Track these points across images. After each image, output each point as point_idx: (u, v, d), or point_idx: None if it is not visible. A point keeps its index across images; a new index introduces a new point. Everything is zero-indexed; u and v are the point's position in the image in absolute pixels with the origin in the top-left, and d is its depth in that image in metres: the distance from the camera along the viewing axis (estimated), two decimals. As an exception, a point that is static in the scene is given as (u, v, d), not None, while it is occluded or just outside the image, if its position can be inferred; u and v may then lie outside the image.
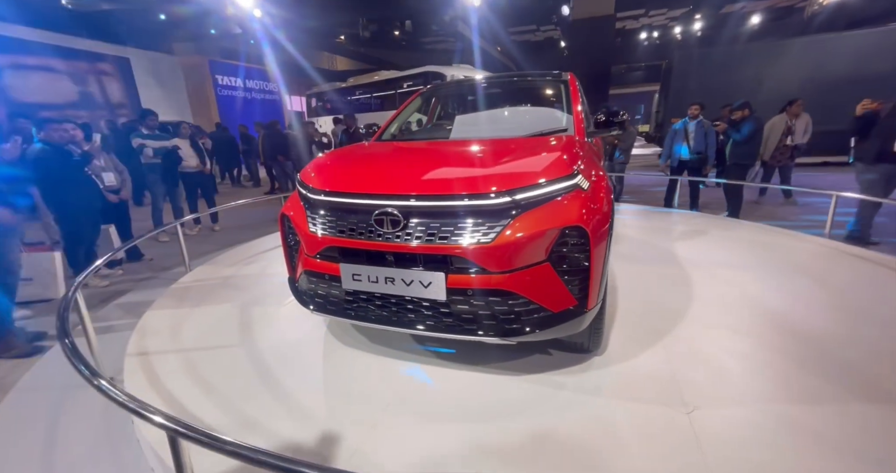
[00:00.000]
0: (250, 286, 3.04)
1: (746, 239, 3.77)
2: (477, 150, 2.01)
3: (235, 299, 2.80)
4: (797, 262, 3.14)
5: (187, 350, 2.15)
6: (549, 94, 2.78)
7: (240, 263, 3.61)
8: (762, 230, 4.07)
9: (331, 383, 1.84)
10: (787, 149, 5.66)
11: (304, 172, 1.96)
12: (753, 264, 3.11)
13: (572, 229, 1.51)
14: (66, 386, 2.04)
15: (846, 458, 1.33)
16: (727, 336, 2.09)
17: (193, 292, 2.96)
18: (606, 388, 1.73)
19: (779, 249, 3.46)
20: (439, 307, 1.60)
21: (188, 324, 2.46)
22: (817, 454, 1.35)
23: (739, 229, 4.17)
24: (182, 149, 5.07)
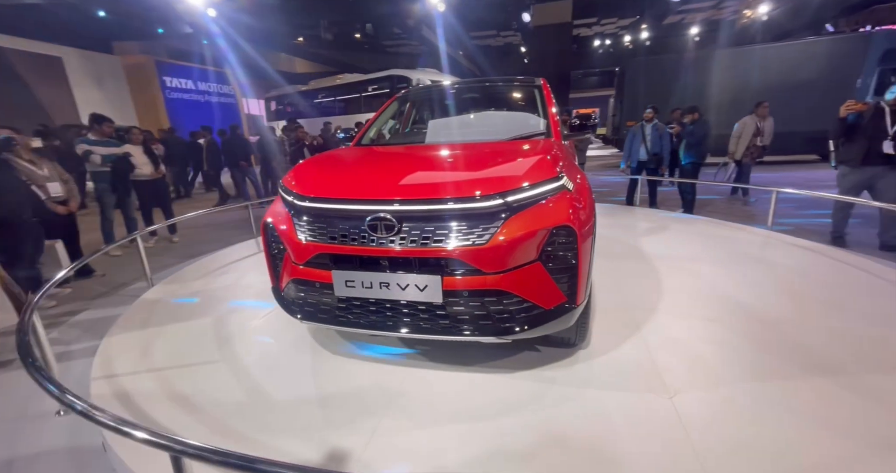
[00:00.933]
0: (223, 299, 2.89)
1: (703, 233, 4.07)
2: (463, 154, 2.04)
3: (208, 313, 2.65)
4: (748, 252, 3.43)
5: (161, 369, 2.02)
6: (524, 98, 2.87)
7: (208, 275, 3.42)
8: (715, 225, 4.41)
9: (323, 392, 1.80)
10: (757, 149, 5.94)
11: (288, 179, 1.90)
12: (712, 255, 3.36)
13: (561, 228, 1.58)
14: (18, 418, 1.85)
15: (813, 426, 1.48)
16: (697, 324, 2.25)
17: (160, 308, 2.77)
18: (594, 379, 1.81)
19: (732, 241, 3.76)
20: (435, 309, 1.61)
21: (158, 342, 2.30)
22: (790, 425, 1.49)
23: (696, 223, 4.50)
24: (134, 156, 4.73)
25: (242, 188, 7.36)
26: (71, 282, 3.73)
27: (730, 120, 9.11)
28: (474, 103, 3.03)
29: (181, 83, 14.77)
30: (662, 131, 5.55)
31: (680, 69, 10.33)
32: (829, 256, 3.27)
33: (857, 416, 1.52)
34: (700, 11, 18.93)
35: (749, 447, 1.40)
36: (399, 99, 3.06)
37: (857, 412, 1.55)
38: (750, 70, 9.63)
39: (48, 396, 1.25)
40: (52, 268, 3.12)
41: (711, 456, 1.36)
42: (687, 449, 1.40)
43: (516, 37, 21.33)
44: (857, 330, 2.12)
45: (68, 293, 3.54)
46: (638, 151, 5.72)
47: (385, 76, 12.01)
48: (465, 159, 1.96)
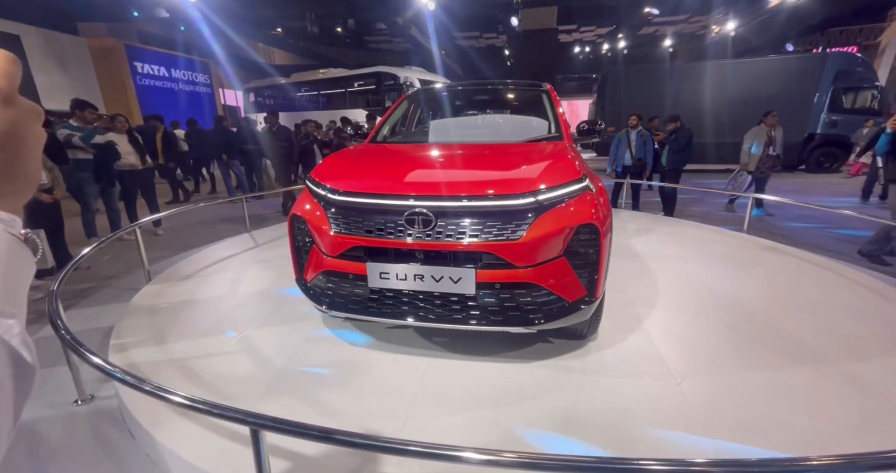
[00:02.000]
0: (230, 294, 2.86)
1: (685, 235, 4.35)
2: (490, 154, 2.13)
3: (218, 308, 2.63)
4: (729, 254, 3.70)
5: (183, 360, 2.00)
6: (532, 102, 3.00)
7: (207, 270, 3.35)
8: (695, 227, 4.71)
9: (351, 382, 1.85)
10: (770, 159, 5.83)
11: (321, 174, 1.94)
12: (697, 256, 3.62)
13: (585, 226, 1.70)
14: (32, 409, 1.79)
15: (801, 409, 1.67)
16: (692, 318, 2.45)
17: (167, 303, 2.71)
18: (607, 368, 1.95)
19: (713, 242, 4.05)
20: (467, 301, 1.70)
21: (172, 334, 2.27)
22: (781, 407, 1.68)
23: (678, 226, 4.79)
24: (119, 145, 4.53)
25: (227, 182, 7.15)
26: (54, 274, 3.56)
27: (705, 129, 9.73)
28: (482, 105, 3.13)
29: (153, 70, 14.05)
30: (646, 138, 5.87)
31: (658, 79, 10.86)
32: (799, 257, 3.58)
33: (837, 399, 1.72)
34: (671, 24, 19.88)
35: (750, 426, 1.57)
36: (408, 99, 3.12)
37: (837, 396, 1.75)
38: (722, 83, 10.25)
39: (60, 387, 1.25)
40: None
41: (719, 435, 1.52)
42: (700, 428, 1.55)
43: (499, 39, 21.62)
44: (833, 324, 2.36)
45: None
46: (623, 157, 6.01)
47: (372, 73, 11.92)
48: (493, 159, 2.06)
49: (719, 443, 1.48)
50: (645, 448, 1.47)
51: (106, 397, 1.90)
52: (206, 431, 1.53)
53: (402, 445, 0.98)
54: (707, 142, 9.57)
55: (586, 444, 1.48)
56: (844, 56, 10.41)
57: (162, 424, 1.57)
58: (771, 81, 10.03)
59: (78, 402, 1.84)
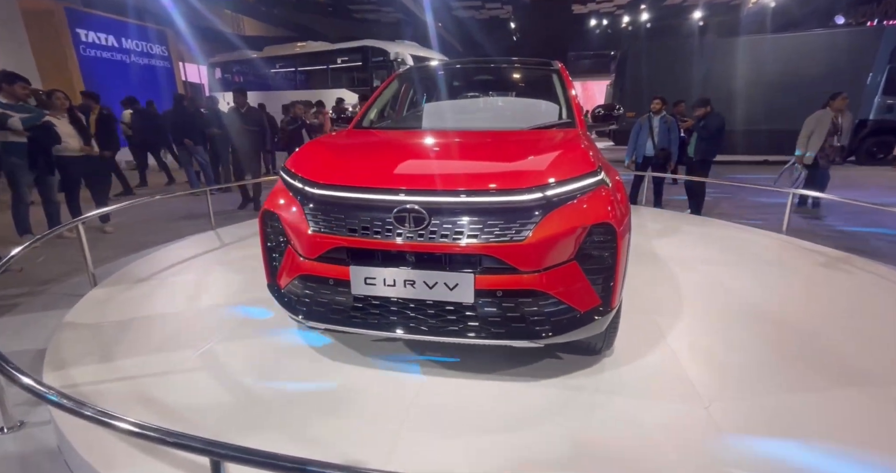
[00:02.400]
0: (190, 301, 2.86)
1: (715, 235, 4.40)
2: (492, 143, 2.15)
3: (176, 318, 2.62)
4: (764, 256, 3.76)
5: (133, 381, 1.99)
6: (541, 84, 3.02)
7: (164, 273, 3.34)
8: (726, 227, 4.77)
9: (334, 404, 1.85)
10: (834, 150, 5.62)
11: (297, 163, 1.94)
12: (727, 259, 3.66)
13: (600, 226, 1.71)
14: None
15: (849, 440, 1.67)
16: (721, 330, 2.47)
17: (115, 312, 2.69)
18: (624, 388, 1.95)
19: (746, 244, 4.10)
20: (465, 310, 1.71)
21: (121, 349, 2.25)
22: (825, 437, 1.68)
23: (706, 225, 4.84)
24: (58, 126, 4.50)
25: (189, 172, 7.12)
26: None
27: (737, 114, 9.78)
28: (483, 86, 3.15)
29: (100, 39, 13.92)
30: (671, 124, 5.89)
31: (686, 56, 10.93)
32: (847, 262, 3.63)
33: (889, 427, 1.74)
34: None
35: (789, 458, 1.57)
36: (399, 78, 3.13)
37: (888, 423, 1.76)
38: (759, 61, 10.31)
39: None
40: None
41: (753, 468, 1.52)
42: (729, 462, 1.55)
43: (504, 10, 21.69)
44: (884, 338, 2.39)
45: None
46: (644, 146, 6.04)
47: (357, 47, 11.92)
48: (495, 149, 2.08)
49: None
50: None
51: (38, 423, 1.87)
52: (160, 463, 1.52)
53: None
54: (738, 130, 9.61)
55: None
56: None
57: (106, 456, 1.55)
58: (817, 58, 10.05)
59: (3, 430, 1.82)
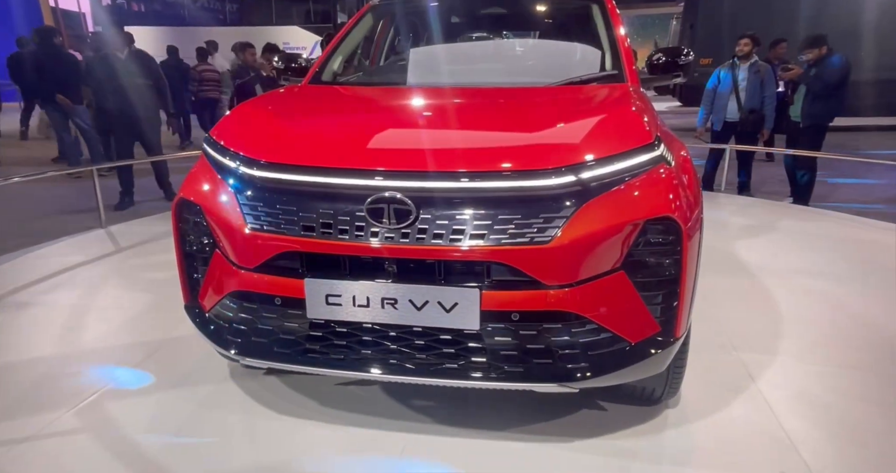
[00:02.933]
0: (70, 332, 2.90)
1: (830, 235, 4.34)
2: (503, 104, 2.19)
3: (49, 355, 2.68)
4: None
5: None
6: (575, 19, 3.06)
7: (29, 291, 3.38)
8: (848, 222, 4.67)
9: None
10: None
11: (228, 133, 1.97)
12: (846, 270, 3.61)
13: (659, 221, 1.69)
14: None
15: None
16: (836, 373, 2.44)
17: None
18: (695, 455, 1.94)
19: (872, 247, 4.03)
20: (467, 340, 1.69)
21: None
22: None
23: (817, 220, 4.80)
24: None
25: (65, 140, 7.14)
26: None
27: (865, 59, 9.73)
28: (495, 24, 3.20)
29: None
30: (765, 75, 5.87)
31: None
32: None
33: None
34: None
35: None
36: (373, 11, 3.17)
37: None
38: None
39: None
40: None
41: None
42: None
43: None
44: None
45: None
46: (725, 107, 6.09)
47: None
48: (510, 114, 2.09)
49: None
50: None
51: None
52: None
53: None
54: (866, 80, 9.40)
55: None
56: None
57: None
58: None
59: None
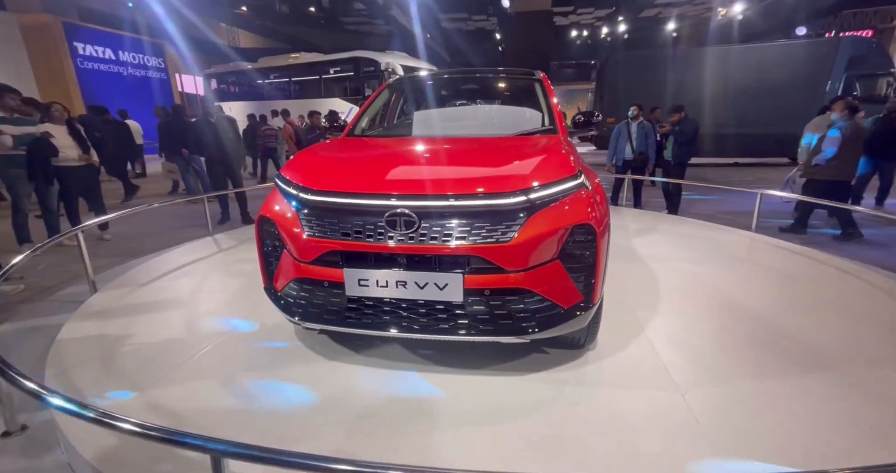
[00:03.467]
0: (189, 304, 2.83)
1: (691, 234, 4.47)
2: (478, 149, 2.17)
3: (176, 321, 2.59)
4: (735, 253, 3.83)
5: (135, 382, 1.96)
6: (524, 92, 3.05)
7: (163, 278, 3.30)
8: (702, 226, 4.85)
9: (327, 402, 1.84)
10: None
11: (291, 170, 1.94)
12: (701, 256, 3.73)
13: (581, 226, 1.74)
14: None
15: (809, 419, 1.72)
16: (696, 323, 2.52)
17: (114, 316, 2.65)
18: (606, 379, 1.98)
19: (721, 242, 4.17)
20: (455, 309, 1.72)
21: (122, 353, 2.22)
22: (789, 418, 1.73)
23: (683, 224, 4.92)
24: (56, 137, 4.42)
25: (187, 180, 7.04)
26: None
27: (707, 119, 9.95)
28: (470, 95, 3.17)
29: (97, 51, 13.73)
30: (648, 130, 6.00)
31: (660, 66, 11.11)
32: (810, 257, 3.73)
33: (850, 410, 1.79)
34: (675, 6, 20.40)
35: (759, 440, 1.61)
36: (390, 87, 3.14)
37: (849, 406, 1.81)
38: (727, 70, 10.54)
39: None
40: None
41: (726, 449, 1.56)
42: (707, 444, 1.60)
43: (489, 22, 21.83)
44: (839, 327, 2.46)
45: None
46: (623, 150, 6.13)
47: (349, 58, 11.89)
48: (481, 155, 2.10)
49: (727, 462, 1.52)
50: (647, 465, 1.51)
51: (42, 427, 1.84)
52: (161, 464, 1.51)
53: (382, 468, 0.99)
54: (708, 134, 9.78)
55: (584, 462, 1.52)
56: (858, 41, 10.81)
57: (109, 457, 1.53)
58: (781, 67, 10.32)
59: (8, 434, 1.79)
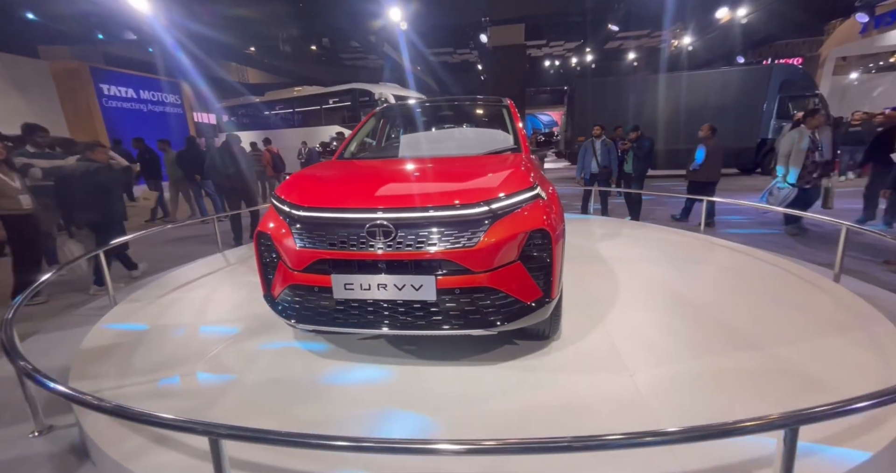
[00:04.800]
0: (200, 314, 2.86)
1: (649, 237, 4.58)
2: (448, 167, 2.26)
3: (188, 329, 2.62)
4: (687, 253, 3.94)
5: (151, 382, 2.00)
6: (493, 116, 3.17)
7: (177, 291, 3.32)
8: (659, 230, 4.96)
9: (321, 393, 1.89)
10: (816, 166, 4.75)
11: (284, 190, 2.01)
12: (657, 256, 3.82)
13: (537, 231, 1.82)
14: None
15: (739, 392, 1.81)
16: (649, 314, 2.60)
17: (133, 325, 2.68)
18: (567, 365, 2.05)
19: (674, 244, 4.28)
20: (429, 306, 1.78)
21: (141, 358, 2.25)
22: (722, 391, 1.82)
23: (643, 229, 5.03)
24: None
25: (200, 203, 7.07)
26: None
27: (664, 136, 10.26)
28: (447, 120, 3.29)
29: (121, 91, 13.83)
30: (610, 146, 6.19)
31: (621, 91, 11.45)
32: (749, 254, 3.84)
33: (774, 382, 1.87)
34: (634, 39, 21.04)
35: (694, 411, 1.69)
36: (376, 115, 3.25)
37: (773, 379, 1.90)
38: (678, 93, 10.89)
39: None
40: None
41: (666, 419, 1.64)
42: (647, 416, 1.67)
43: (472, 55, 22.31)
44: (770, 313, 2.56)
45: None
46: (590, 165, 6.30)
47: (346, 90, 12.09)
48: (450, 172, 2.18)
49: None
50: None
51: (65, 426, 1.86)
52: (175, 453, 1.54)
53: (376, 443, 1.04)
54: (662, 149, 10.13)
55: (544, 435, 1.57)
56: (787, 68, 11.33)
57: (126, 449, 1.56)
58: (724, 90, 10.74)
59: (35, 434, 1.81)
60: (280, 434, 1.05)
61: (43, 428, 1.82)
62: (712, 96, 10.69)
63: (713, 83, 10.86)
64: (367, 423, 1.67)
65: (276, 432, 1.06)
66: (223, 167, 5.14)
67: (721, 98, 10.63)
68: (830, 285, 2.97)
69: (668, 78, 11.34)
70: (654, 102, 10.89)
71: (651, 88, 11.14)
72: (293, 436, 1.06)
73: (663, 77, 11.48)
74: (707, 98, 10.71)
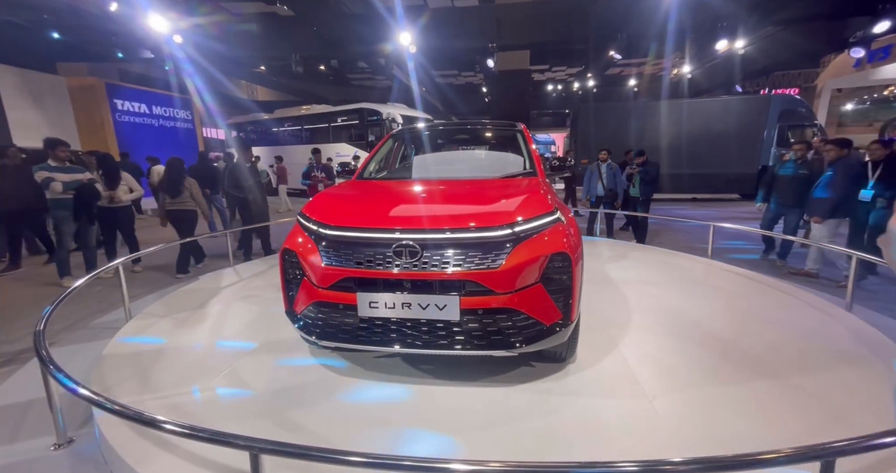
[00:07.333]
0: (215, 329, 2.88)
1: (657, 261, 4.63)
2: (470, 189, 2.34)
3: (203, 343, 2.64)
4: (695, 278, 3.98)
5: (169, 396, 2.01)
6: (508, 140, 3.28)
7: (191, 305, 3.35)
8: (665, 254, 5.02)
9: (341, 411, 1.90)
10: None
11: (311, 209, 2.08)
12: (666, 280, 3.86)
13: (559, 254, 1.88)
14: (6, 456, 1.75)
15: (757, 419, 1.83)
16: (662, 339, 2.62)
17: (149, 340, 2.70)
18: (585, 389, 2.07)
19: (681, 268, 4.33)
20: (452, 326, 1.82)
21: (156, 371, 2.27)
22: (740, 418, 1.83)
23: (650, 252, 5.09)
24: (101, 183, 4.58)
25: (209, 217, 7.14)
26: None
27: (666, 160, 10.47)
28: (462, 143, 3.40)
29: (133, 107, 14.19)
30: (615, 170, 6.33)
31: (623, 116, 11.77)
32: (758, 281, 3.88)
33: (791, 409, 1.90)
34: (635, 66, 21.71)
35: (712, 437, 1.71)
36: (393, 137, 3.37)
37: (790, 406, 1.92)
38: (680, 120, 11.19)
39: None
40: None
41: (688, 447, 1.65)
42: (669, 442, 1.68)
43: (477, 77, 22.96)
44: (786, 342, 2.58)
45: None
46: (595, 188, 6.42)
47: (355, 109, 12.41)
48: (473, 194, 2.26)
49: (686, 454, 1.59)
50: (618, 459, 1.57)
51: (86, 438, 1.87)
52: (195, 466, 1.55)
53: (394, 460, 1.07)
54: (667, 173, 10.33)
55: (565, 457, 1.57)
56: (786, 98, 11.70)
57: (146, 461, 1.57)
58: (726, 118, 11.05)
59: (56, 446, 1.82)
60: (321, 451, 1.08)
61: (64, 441, 1.83)
62: (713, 123, 11.00)
63: (714, 111, 11.19)
64: (384, 442, 1.68)
65: (317, 448, 1.09)
66: (244, 180, 5.30)
67: (722, 125, 10.94)
68: (843, 314, 3.00)
69: (669, 104, 11.68)
70: (656, 127, 11.18)
71: (654, 113, 11.46)
72: (334, 453, 1.08)
73: (665, 103, 11.84)
74: (708, 125, 11.01)
